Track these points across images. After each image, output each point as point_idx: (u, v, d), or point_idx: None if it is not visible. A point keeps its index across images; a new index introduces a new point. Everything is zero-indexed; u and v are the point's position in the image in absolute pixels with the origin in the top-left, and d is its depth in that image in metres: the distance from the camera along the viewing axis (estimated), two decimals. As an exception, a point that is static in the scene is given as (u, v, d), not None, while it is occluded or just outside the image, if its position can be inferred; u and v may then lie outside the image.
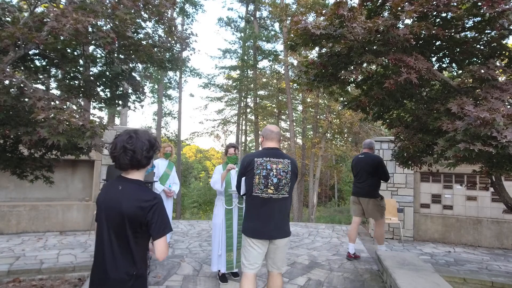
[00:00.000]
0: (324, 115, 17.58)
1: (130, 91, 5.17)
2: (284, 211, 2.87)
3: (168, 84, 21.82)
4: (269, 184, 2.77)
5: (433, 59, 4.31)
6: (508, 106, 3.16)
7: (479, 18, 3.72)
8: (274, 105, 22.46)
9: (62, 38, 3.70)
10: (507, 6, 3.19)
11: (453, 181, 6.82)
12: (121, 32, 3.73)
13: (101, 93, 4.95)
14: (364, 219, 6.09)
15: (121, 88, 5.05)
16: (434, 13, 3.65)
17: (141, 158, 1.72)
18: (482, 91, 3.35)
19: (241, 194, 2.99)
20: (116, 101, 5.05)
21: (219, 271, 4.05)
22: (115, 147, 1.76)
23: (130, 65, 4.87)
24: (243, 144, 24.88)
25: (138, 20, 4.16)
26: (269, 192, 2.77)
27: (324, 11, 3.67)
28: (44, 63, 4.54)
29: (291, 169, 2.86)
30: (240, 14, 23.74)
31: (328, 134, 17.94)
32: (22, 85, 3.48)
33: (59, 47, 4.10)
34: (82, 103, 8.76)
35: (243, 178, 2.93)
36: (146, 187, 1.78)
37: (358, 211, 5.18)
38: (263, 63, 39.25)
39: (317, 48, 4.66)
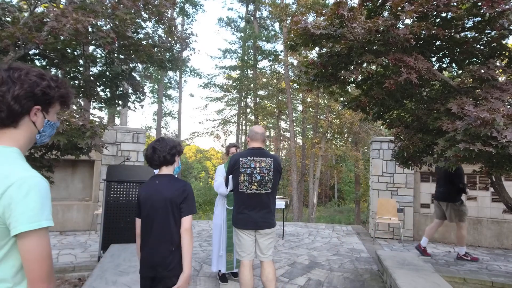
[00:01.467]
0: (324, 115, 17.58)
1: (130, 91, 5.17)
2: (268, 205, 3.11)
3: (168, 84, 21.84)
4: (253, 181, 3.02)
5: (433, 59, 4.31)
6: (508, 106, 3.17)
7: (479, 18, 3.73)
8: (274, 105, 22.46)
9: (62, 38, 3.70)
10: (507, 6, 3.20)
11: (453, 181, 6.81)
12: (121, 32, 3.73)
13: (101, 93, 4.95)
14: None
15: (121, 88, 5.05)
16: (434, 13, 3.65)
17: (167, 156, 2.18)
18: (482, 91, 3.35)
19: (228, 190, 3.28)
20: (116, 101, 5.05)
21: (219, 271, 4.05)
22: (147, 150, 2.24)
23: (130, 65, 4.88)
24: (243, 144, 24.88)
25: (138, 20, 4.17)
26: (253, 188, 3.03)
27: (324, 11, 3.67)
28: (44, 63, 4.54)
29: (274, 167, 3.07)
30: (240, 14, 23.78)
31: (328, 134, 17.94)
32: (22, 85, 3.47)
33: (59, 47, 4.10)
34: (82, 103, 8.76)
35: (230, 176, 3.17)
36: (177, 177, 2.25)
37: (438, 213, 5.42)
38: (263, 63, 39.32)
39: (317, 48, 4.66)
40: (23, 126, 1.05)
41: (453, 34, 3.91)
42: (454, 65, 4.36)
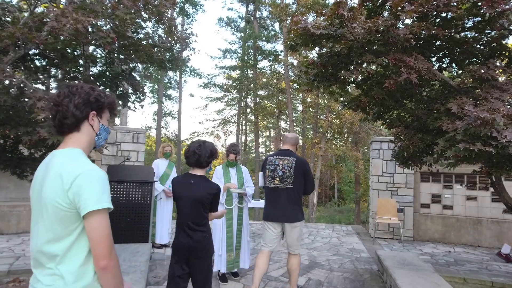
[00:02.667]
0: (324, 115, 17.58)
1: (130, 91, 5.17)
2: (289, 199, 3.44)
3: (168, 84, 21.83)
4: (276, 176, 3.49)
5: (433, 59, 4.31)
6: (508, 106, 3.16)
7: (479, 18, 3.72)
8: (274, 105, 22.45)
9: (62, 38, 3.69)
10: (507, 6, 3.19)
11: (453, 181, 6.82)
12: (121, 32, 3.73)
13: (101, 93, 4.94)
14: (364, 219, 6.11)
15: (121, 88, 5.04)
16: (434, 13, 3.65)
17: (203, 161, 2.54)
18: (482, 91, 3.35)
19: (259, 185, 3.71)
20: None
21: (219, 271, 4.05)
22: (188, 150, 2.56)
23: (130, 65, 4.87)
24: (243, 144, 24.89)
25: (138, 20, 4.16)
26: (276, 183, 3.48)
27: (324, 11, 3.67)
28: (44, 63, 4.54)
29: (295, 165, 3.46)
30: (240, 14, 23.76)
31: (328, 134, 17.94)
32: (22, 85, 3.48)
33: (59, 47, 4.10)
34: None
35: (261, 173, 3.69)
36: (210, 179, 2.66)
37: None
38: (263, 63, 39.23)
39: (317, 48, 4.66)
40: (84, 130, 1.30)
41: (453, 34, 3.90)
42: (454, 65, 4.36)
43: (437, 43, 4.01)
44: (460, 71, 4.33)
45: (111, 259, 1.18)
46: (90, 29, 3.63)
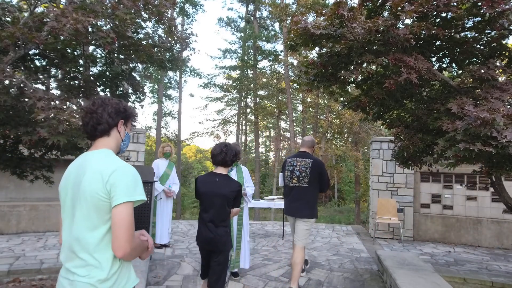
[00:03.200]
0: (324, 115, 17.58)
1: (130, 91, 5.16)
2: (304, 197, 3.81)
3: (168, 84, 21.82)
4: (294, 176, 3.88)
5: (433, 59, 4.31)
6: (508, 106, 3.16)
7: (479, 18, 3.72)
8: (274, 105, 22.45)
9: (62, 38, 3.69)
10: (507, 6, 3.19)
11: (453, 181, 6.82)
12: (121, 32, 3.72)
13: (101, 93, 4.94)
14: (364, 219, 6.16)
15: (121, 88, 5.04)
16: (434, 13, 3.65)
17: (228, 160, 2.80)
18: (482, 91, 3.35)
19: (279, 184, 4.09)
20: (116, 101, 5.04)
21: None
22: (215, 149, 2.82)
23: (130, 65, 4.87)
24: (243, 144, 24.88)
25: (138, 20, 4.16)
26: (294, 182, 3.87)
27: (324, 11, 3.67)
28: (44, 63, 4.54)
29: (311, 166, 3.82)
30: (240, 14, 23.74)
31: (328, 134, 17.94)
32: (22, 85, 3.48)
33: (59, 47, 4.10)
34: (82, 103, 8.76)
35: (281, 174, 4.13)
36: (233, 178, 2.87)
37: None
38: (263, 63, 39.19)
39: (317, 48, 4.66)
40: (113, 135, 1.50)
41: (453, 34, 3.90)
42: (454, 65, 4.36)
43: (437, 43, 4.00)
44: (460, 71, 4.33)
45: (131, 248, 1.32)
46: (90, 29, 3.63)
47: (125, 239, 1.30)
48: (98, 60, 4.96)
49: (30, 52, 4.11)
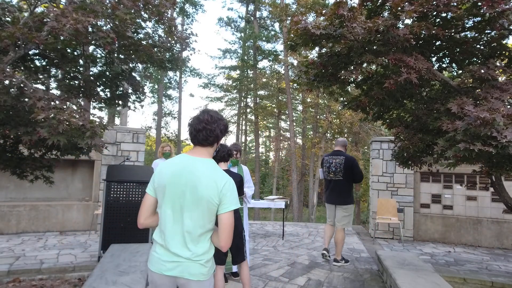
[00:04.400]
0: (324, 115, 17.58)
1: (130, 91, 5.16)
2: (339, 188, 4.78)
3: (168, 84, 21.83)
4: (330, 171, 4.81)
5: (433, 59, 4.31)
6: (508, 106, 3.16)
7: (479, 18, 3.72)
8: (274, 105, 22.45)
9: (62, 38, 3.69)
10: (507, 6, 3.19)
11: (453, 181, 6.82)
12: (121, 32, 3.72)
13: (101, 93, 4.94)
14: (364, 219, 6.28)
15: (121, 88, 5.04)
16: (434, 13, 3.65)
17: (226, 156, 3.34)
18: (482, 91, 3.35)
19: (320, 178, 4.98)
20: (116, 101, 5.04)
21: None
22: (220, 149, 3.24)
23: (130, 65, 4.87)
24: (243, 144, 24.88)
25: (138, 20, 4.16)
26: (331, 176, 4.82)
27: (324, 11, 3.66)
28: (44, 63, 4.54)
29: (344, 162, 4.73)
30: (240, 14, 23.74)
31: (328, 134, 17.94)
32: (22, 85, 3.47)
33: (59, 47, 4.10)
34: (82, 103, 8.76)
35: (320, 169, 5.03)
36: (233, 172, 3.39)
37: None
38: (263, 63, 39.14)
39: (317, 48, 4.66)
40: (214, 147, 1.81)
41: (453, 34, 3.90)
42: (454, 65, 4.36)
43: (437, 43, 4.00)
44: (460, 71, 4.33)
45: (230, 243, 1.69)
46: (90, 29, 3.63)
47: (230, 237, 1.67)
48: (98, 60, 4.96)
49: (30, 52, 4.11)
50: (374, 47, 3.75)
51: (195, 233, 1.68)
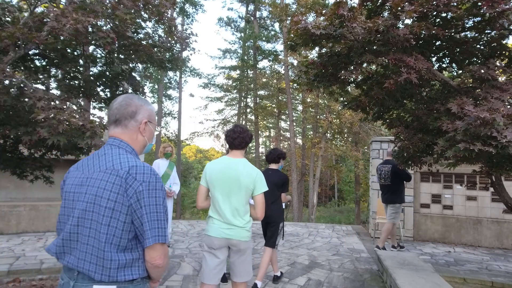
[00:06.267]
0: (324, 115, 17.58)
1: (130, 91, 5.17)
2: (389, 191, 5.61)
3: (168, 84, 21.82)
4: (381, 177, 5.68)
5: (433, 59, 4.31)
6: (508, 106, 3.16)
7: (479, 18, 3.72)
8: (274, 105, 22.44)
9: (62, 38, 3.69)
10: (507, 6, 3.19)
11: (453, 181, 6.81)
12: (121, 32, 3.73)
13: (101, 93, 4.95)
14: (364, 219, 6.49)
15: (121, 88, 5.04)
16: (434, 13, 3.65)
17: (275, 157, 4.09)
18: (482, 91, 3.35)
19: (377, 182, 6.01)
20: (116, 101, 5.04)
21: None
22: (270, 153, 4.12)
23: (130, 65, 4.87)
24: (243, 144, 24.80)
25: (138, 20, 4.17)
26: (381, 181, 5.70)
27: (324, 11, 3.66)
28: (44, 63, 4.54)
29: (391, 170, 5.53)
30: (240, 14, 23.72)
31: (328, 134, 17.94)
32: (22, 85, 3.48)
33: (59, 47, 4.10)
34: (82, 103, 8.75)
35: (376, 176, 5.89)
36: (280, 171, 4.05)
37: None
38: (263, 63, 39.18)
39: (317, 48, 4.66)
40: (245, 149, 2.67)
41: (453, 34, 3.90)
42: (454, 65, 4.36)
43: (437, 43, 4.00)
44: (460, 71, 4.33)
45: (263, 215, 2.58)
46: (90, 29, 3.63)
47: (262, 211, 2.56)
48: (98, 60, 4.97)
49: (30, 52, 4.11)
50: (374, 47, 3.75)
51: (240, 209, 2.50)
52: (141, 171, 1.24)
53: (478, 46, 3.97)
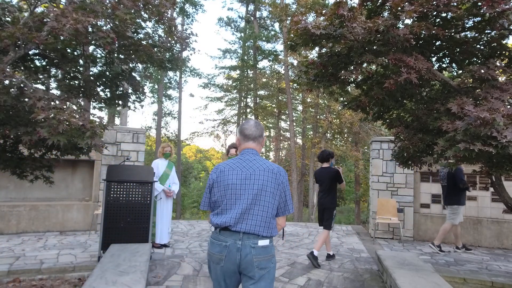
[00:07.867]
0: (324, 115, 17.58)
1: (130, 91, 5.17)
2: (447, 192, 5.86)
3: (168, 84, 21.81)
4: (441, 178, 6.02)
5: (433, 59, 4.31)
6: (508, 106, 3.16)
7: (479, 18, 3.72)
8: (274, 105, 22.44)
9: (62, 38, 3.69)
10: (507, 6, 3.20)
11: (453, 181, 6.80)
12: (121, 32, 3.73)
13: (101, 93, 4.95)
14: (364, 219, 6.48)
15: (121, 88, 5.04)
16: (434, 13, 3.65)
17: (326, 156, 5.00)
18: (482, 91, 3.35)
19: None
20: (116, 101, 5.05)
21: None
22: (322, 152, 5.10)
23: (130, 65, 4.87)
24: (243, 144, 24.79)
25: (138, 20, 4.17)
26: (441, 183, 6.01)
27: (324, 11, 3.67)
28: (44, 63, 4.54)
29: (447, 173, 5.82)
30: (240, 14, 23.71)
31: (328, 134, 17.94)
32: (22, 85, 3.48)
33: (59, 47, 4.10)
34: (82, 103, 8.76)
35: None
36: (331, 167, 5.02)
37: None
38: (263, 63, 39.10)
39: (317, 48, 4.66)
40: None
41: (453, 34, 3.90)
42: (454, 65, 4.36)
43: (437, 43, 4.01)
44: (460, 71, 4.33)
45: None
46: (90, 29, 3.63)
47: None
48: (98, 60, 4.97)
49: (30, 52, 4.11)
50: (374, 47, 3.75)
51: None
52: (282, 170, 2.08)
53: (478, 46, 3.97)
